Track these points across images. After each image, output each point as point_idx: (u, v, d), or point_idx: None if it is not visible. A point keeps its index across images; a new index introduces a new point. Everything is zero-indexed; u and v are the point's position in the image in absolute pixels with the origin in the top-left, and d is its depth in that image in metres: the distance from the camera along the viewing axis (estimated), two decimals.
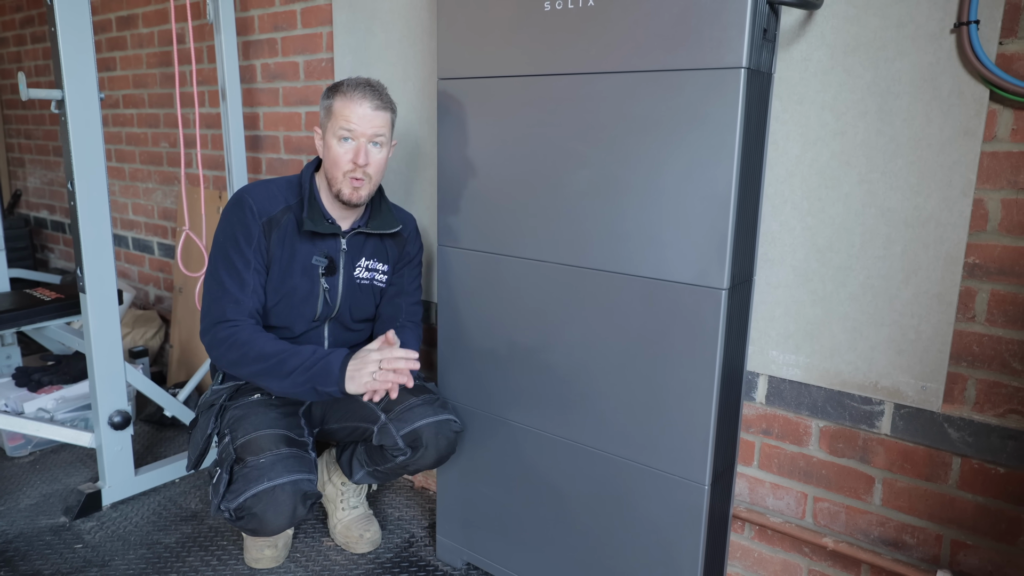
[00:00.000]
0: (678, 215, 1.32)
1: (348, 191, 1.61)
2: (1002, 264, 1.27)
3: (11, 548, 1.90)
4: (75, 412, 2.42)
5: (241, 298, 1.60)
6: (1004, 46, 1.21)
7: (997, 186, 1.25)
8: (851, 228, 1.39)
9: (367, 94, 1.58)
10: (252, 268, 1.62)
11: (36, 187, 4.09)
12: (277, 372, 1.52)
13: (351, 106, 1.57)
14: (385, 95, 1.62)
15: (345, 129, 1.57)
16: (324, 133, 1.63)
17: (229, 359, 1.57)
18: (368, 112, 1.57)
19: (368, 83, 1.60)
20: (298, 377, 1.50)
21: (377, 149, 1.61)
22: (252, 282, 1.62)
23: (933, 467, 1.39)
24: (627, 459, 1.48)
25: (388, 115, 1.62)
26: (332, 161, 1.60)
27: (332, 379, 1.48)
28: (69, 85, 1.86)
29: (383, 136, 1.61)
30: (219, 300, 1.60)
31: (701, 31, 1.24)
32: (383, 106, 1.60)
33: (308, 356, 1.52)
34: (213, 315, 1.60)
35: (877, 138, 1.34)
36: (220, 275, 1.61)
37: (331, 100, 1.60)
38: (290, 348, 1.54)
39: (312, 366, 1.50)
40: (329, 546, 1.95)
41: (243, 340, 1.55)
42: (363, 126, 1.57)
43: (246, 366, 1.55)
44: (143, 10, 2.95)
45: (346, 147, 1.58)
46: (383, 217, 1.73)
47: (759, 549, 1.64)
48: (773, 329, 1.52)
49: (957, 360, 1.33)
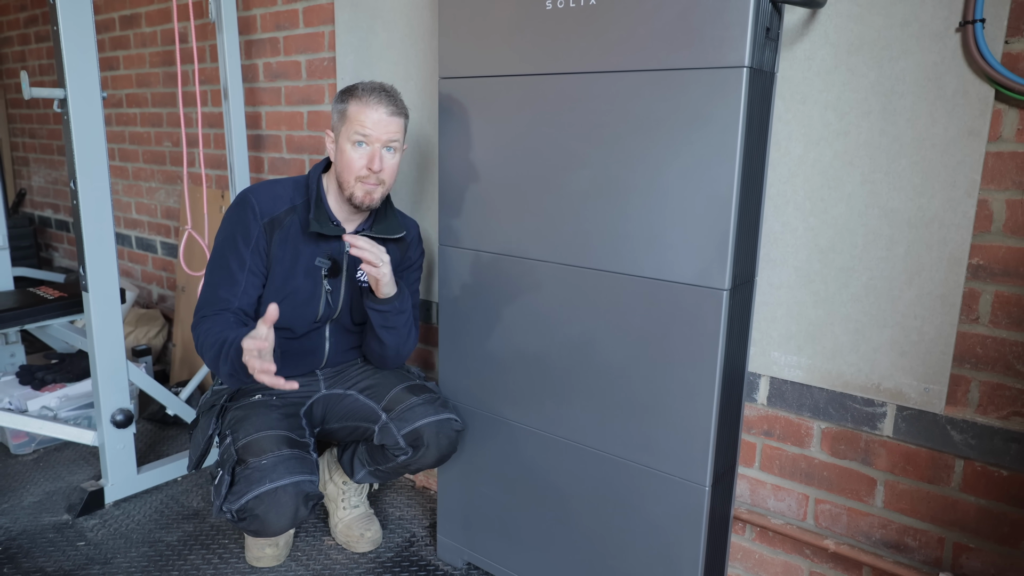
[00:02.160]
0: (680, 215, 1.32)
1: (361, 195, 1.61)
2: (1006, 265, 1.26)
3: (14, 545, 1.90)
4: (78, 410, 2.43)
5: (227, 297, 1.61)
6: (1010, 45, 1.20)
7: (1002, 187, 1.24)
8: (854, 229, 1.38)
9: (383, 99, 1.58)
10: (247, 269, 1.62)
11: (40, 186, 4.10)
12: (215, 363, 1.52)
13: (366, 111, 1.56)
14: (399, 100, 1.62)
15: (360, 134, 1.57)
16: (337, 137, 1.62)
17: (200, 351, 1.59)
18: (384, 118, 1.57)
19: (383, 88, 1.60)
20: (224, 366, 1.50)
21: (391, 154, 1.61)
22: (244, 282, 1.62)
23: (935, 469, 1.38)
24: (628, 460, 1.47)
25: (402, 120, 1.62)
26: (345, 165, 1.60)
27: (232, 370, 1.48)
28: (71, 84, 1.86)
29: (397, 141, 1.61)
30: (207, 301, 1.62)
31: (703, 30, 1.23)
32: (398, 112, 1.60)
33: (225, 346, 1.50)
34: (198, 313, 1.63)
35: (880, 138, 1.33)
36: (213, 276, 1.63)
37: (346, 104, 1.59)
38: (219, 337, 1.51)
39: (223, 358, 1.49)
40: (330, 545, 1.95)
41: (204, 329, 1.57)
42: (378, 131, 1.57)
43: (204, 357, 1.56)
44: (146, 9, 2.95)
45: (360, 152, 1.58)
46: (388, 222, 1.73)
47: (760, 551, 1.64)
48: (775, 330, 1.51)
49: (960, 362, 1.33)
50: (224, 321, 1.58)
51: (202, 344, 1.56)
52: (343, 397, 1.79)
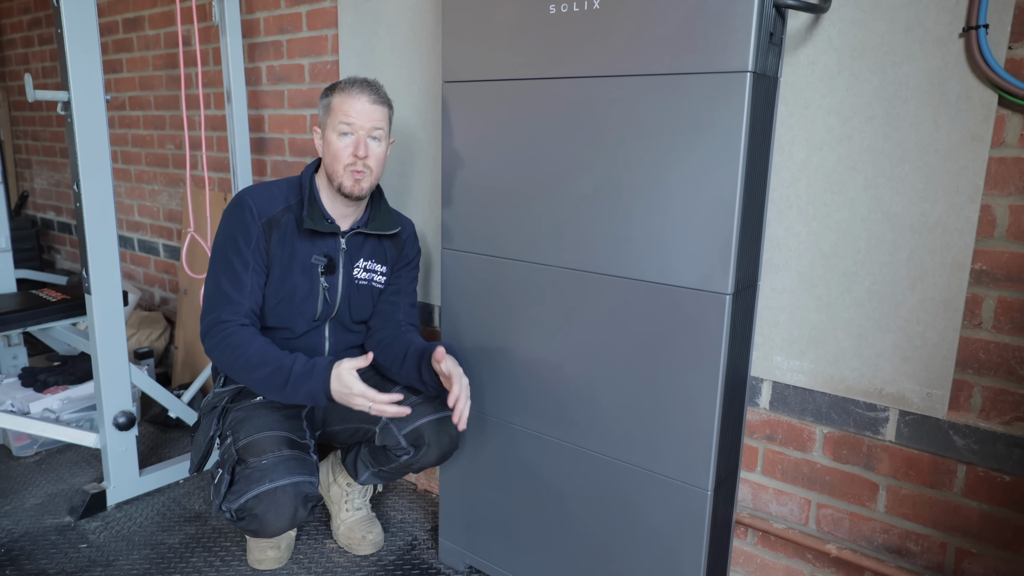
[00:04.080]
0: (683, 219, 1.32)
1: (349, 184, 1.63)
2: (1009, 271, 1.26)
3: (16, 547, 1.90)
4: (80, 412, 2.43)
5: (238, 299, 1.61)
6: (1013, 50, 1.20)
7: (1005, 192, 1.24)
8: (857, 233, 1.38)
9: (364, 89, 1.62)
10: (251, 269, 1.63)
11: (43, 188, 4.11)
12: (266, 384, 1.55)
13: (349, 101, 1.60)
14: (382, 91, 1.65)
15: (344, 123, 1.60)
16: (324, 130, 1.66)
17: (223, 362, 1.59)
18: (367, 106, 1.61)
19: (365, 80, 1.64)
20: (283, 391, 1.54)
21: (376, 143, 1.64)
22: (250, 283, 1.63)
23: (938, 474, 1.38)
24: (630, 464, 1.47)
25: (385, 110, 1.65)
26: (332, 155, 1.62)
27: (319, 395, 1.53)
28: (75, 87, 1.86)
29: (382, 130, 1.64)
30: (216, 301, 1.62)
31: (707, 35, 1.23)
32: (380, 100, 1.63)
33: (292, 370, 1.54)
34: (210, 317, 1.62)
35: (884, 143, 1.33)
36: (218, 277, 1.63)
37: (329, 98, 1.64)
38: (276, 359, 1.55)
39: (298, 383, 1.53)
40: (332, 548, 1.95)
41: (235, 343, 1.57)
42: (362, 119, 1.60)
43: (238, 372, 1.57)
44: (149, 12, 2.96)
45: (346, 141, 1.61)
46: (382, 218, 1.75)
47: (762, 555, 1.63)
48: (777, 334, 1.51)
49: (963, 367, 1.32)
50: (256, 337, 1.59)
51: (236, 359, 1.56)
52: None
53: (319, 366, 1.53)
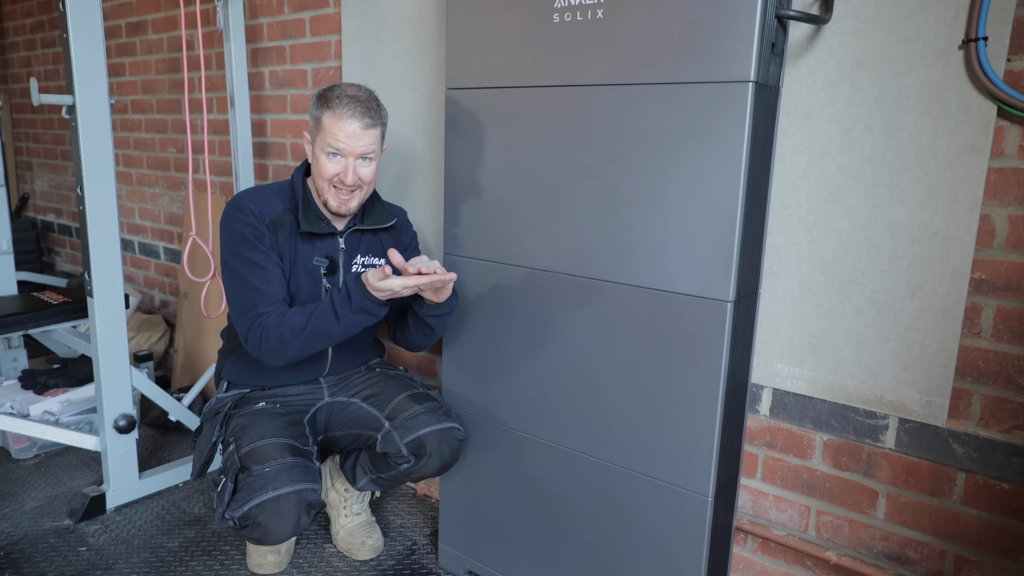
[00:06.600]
0: (684, 227, 1.33)
1: (335, 204, 1.63)
2: (1008, 280, 1.27)
3: (16, 550, 1.90)
4: (80, 415, 2.43)
5: (267, 290, 1.59)
6: (1012, 63, 1.21)
7: (1004, 202, 1.25)
8: (857, 242, 1.39)
9: (356, 112, 1.55)
10: (272, 260, 1.63)
11: (43, 190, 4.11)
12: (317, 333, 1.52)
13: (340, 124, 1.55)
14: (374, 110, 1.59)
15: (333, 147, 1.57)
16: (313, 144, 1.63)
17: (273, 350, 1.56)
18: (357, 131, 1.56)
19: (357, 99, 1.57)
20: (335, 326, 1.51)
21: (366, 164, 1.62)
22: (274, 272, 1.62)
23: (937, 482, 1.39)
24: (630, 470, 1.48)
25: (378, 131, 1.60)
26: (319, 173, 1.61)
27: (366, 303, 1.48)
28: (80, 91, 1.87)
29: (373, 152, 1.61)
30: (247, 301, 1.59)
31: (709, 44, 1.24)
32: (373, 124, 1.58)
33: (328, 305, 1.51)
34: (247, 317, 1.58)
35: (884, 153, 1.34)
36: (242, 276, 1.60)
37: (320, 113, 1.58)
38: (310, 309, 1.54)
39: (340, 307, 1.50)
40: (331, 552, 1.95)
41: (272, 325, 1.55)
42: (351, 145, 1.57)
43: (289, 347, 1.54)
44: (153, 16, 2.97)
45: (335, 162, 1.59)
46: (377, 213, 1.76)
47: (762, 562, 1.64)
48: (778, 342, 1.52)
49: (962, 375, 1.33)
50: (286, 310, 1.57)
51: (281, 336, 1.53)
52: (346, 405, 1.80)
53: (348, 284, 1.50)
